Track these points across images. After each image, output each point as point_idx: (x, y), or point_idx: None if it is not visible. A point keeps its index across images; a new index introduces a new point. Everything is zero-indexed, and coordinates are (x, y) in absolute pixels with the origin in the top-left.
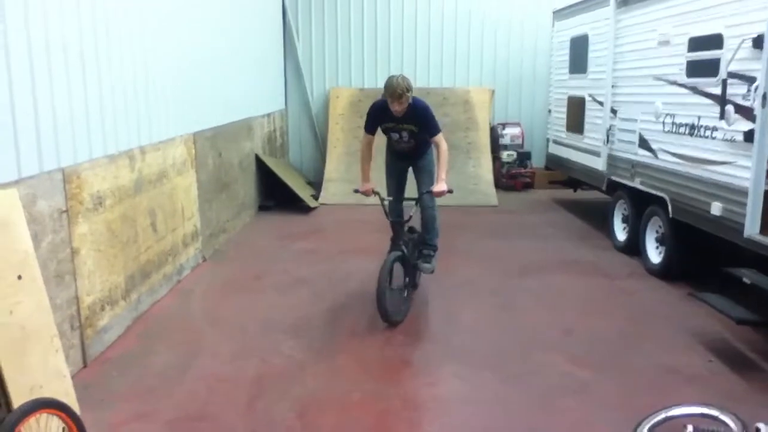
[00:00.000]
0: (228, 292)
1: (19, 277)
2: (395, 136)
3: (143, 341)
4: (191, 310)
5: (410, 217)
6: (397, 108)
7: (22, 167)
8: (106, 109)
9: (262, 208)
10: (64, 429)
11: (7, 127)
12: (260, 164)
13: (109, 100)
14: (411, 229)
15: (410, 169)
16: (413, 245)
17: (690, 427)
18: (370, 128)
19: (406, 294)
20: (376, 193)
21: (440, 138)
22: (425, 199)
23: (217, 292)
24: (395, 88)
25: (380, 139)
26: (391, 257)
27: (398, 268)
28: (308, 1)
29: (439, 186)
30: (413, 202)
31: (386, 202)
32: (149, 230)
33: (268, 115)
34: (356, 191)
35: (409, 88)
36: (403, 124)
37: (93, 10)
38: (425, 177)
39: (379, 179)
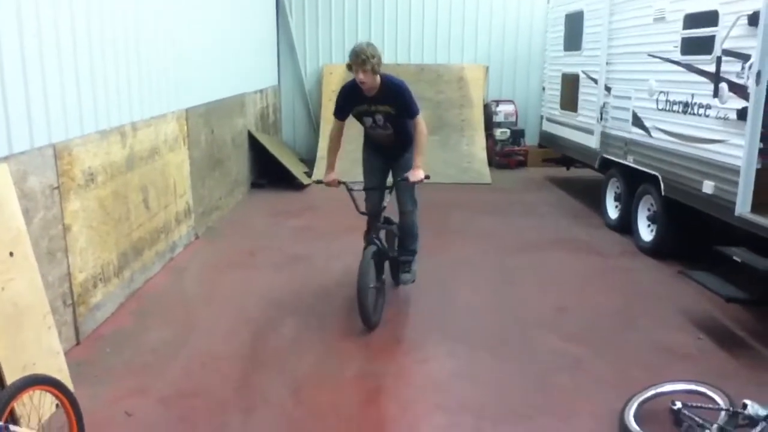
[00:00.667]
0: (222, 269)
1: (11, 254)
2: (369, 121)
3: (137, 318)
4: (185, 287)
5: (384, 207)
6: (362, 78)
7: (13, 143)
8: (98, 85)
9: (255, 185)
10: (57, 405)
11: None
12: (253, 141)
13: (101, 75)
14: (387, 220)
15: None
16: (391, 237)
17: (678, 404)
18: (339, 113)
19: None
20: (342, 183)
21: (419, 120)
22: (405, 203)
23: (211, 270)
24: (359, 53)
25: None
26: (368, 254)
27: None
28: None
29: (415, 174)
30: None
31: (354, 193)
32: (141, 207)
33: (261, 91)
34: (319, 182)
35: (374, 55)
36: (377, 106)
37: None
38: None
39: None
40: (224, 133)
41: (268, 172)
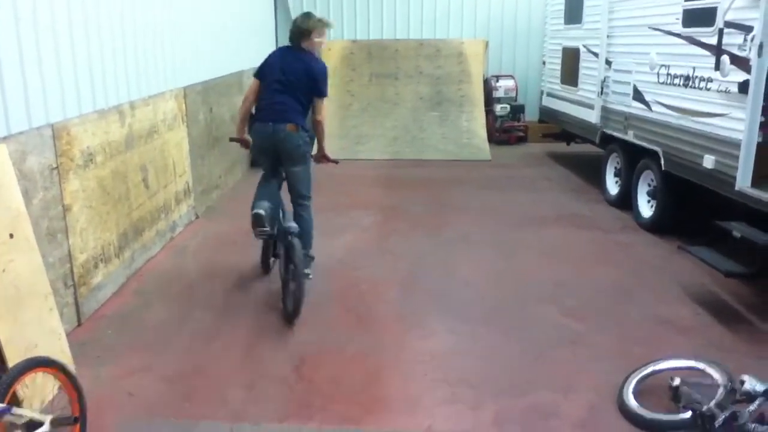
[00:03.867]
0: (222, 248)
1: (11, 236)
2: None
3: (138, 298)
4: (186, 266)
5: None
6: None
7: (11, 123)
8: (95, 64)
9: (255, 163)
10: (60, 387)
11: None
12: (252, 118)
13: (97, 54)
14: None
15: None
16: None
17: (677, 380)
18: None
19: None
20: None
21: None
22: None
23: (212, 248)
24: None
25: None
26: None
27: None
28: None
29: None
30: None
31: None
32: (141, 186)
33: None
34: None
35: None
36: None
37: None
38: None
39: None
40: (223, 111)
41: None
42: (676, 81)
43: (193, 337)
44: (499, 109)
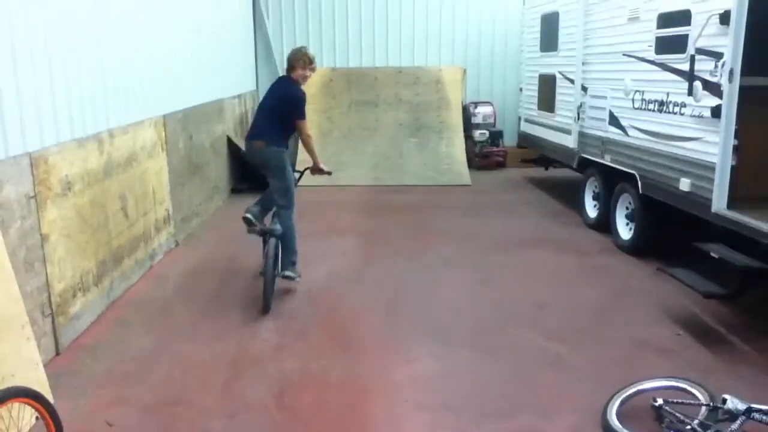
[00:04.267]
0: (202, 276)
1: None
2: None
3: (117, 327)
4: (165, 294)
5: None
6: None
7: None
8: (73, 92)
9: (235, 191)
10: (37, 418)
11: None
12: (232, 146)
13: (76, 81)
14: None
15: None
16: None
17: (660, 400)
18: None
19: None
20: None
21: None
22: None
23: (191, 277)
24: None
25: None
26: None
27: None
28: None
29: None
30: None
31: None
32: (120, 215)
33: (239, 96)
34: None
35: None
36: None
37: None
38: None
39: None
40: (203, 138)
41: (248, 178)
42: (651, 106)
43: (172, 366)
44: (478, 134)
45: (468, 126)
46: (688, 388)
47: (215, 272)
